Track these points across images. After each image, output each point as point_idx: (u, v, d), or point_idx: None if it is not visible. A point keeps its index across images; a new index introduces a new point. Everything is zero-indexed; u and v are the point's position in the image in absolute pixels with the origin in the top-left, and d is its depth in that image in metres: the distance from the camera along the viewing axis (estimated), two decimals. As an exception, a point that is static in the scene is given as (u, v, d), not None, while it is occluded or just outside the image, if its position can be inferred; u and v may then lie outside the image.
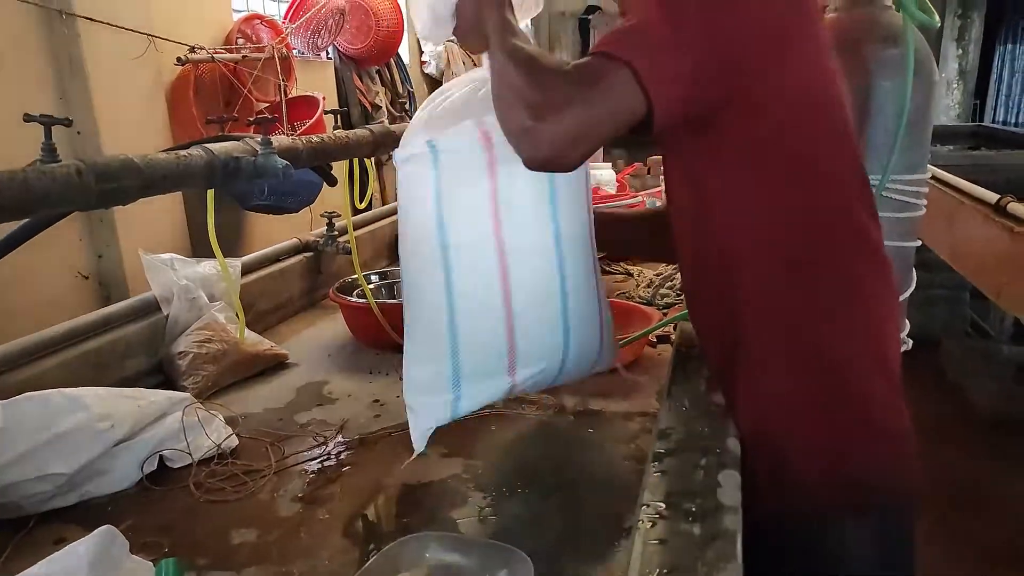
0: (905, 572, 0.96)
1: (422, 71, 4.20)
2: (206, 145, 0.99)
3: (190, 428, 1.08)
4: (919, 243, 1.41)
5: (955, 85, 6.11)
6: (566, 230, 0.95)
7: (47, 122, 0.82)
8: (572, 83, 0.78)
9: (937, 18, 1.23)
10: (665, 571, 0.63)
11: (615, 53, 0.78)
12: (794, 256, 0.87)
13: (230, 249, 1.71)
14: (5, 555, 0.87)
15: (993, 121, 6.15)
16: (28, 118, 0.82)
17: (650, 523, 0.70)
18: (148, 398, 1.09)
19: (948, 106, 6.06)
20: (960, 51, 6.03)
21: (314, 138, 1.21)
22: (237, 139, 1.06)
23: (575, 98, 0.77)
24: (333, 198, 2.14)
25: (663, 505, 0.73)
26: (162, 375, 1.37)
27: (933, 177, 1.92)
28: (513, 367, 0.93)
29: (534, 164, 0.81)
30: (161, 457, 1.05)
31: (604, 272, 2.02)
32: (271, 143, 1.05)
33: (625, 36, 0.81)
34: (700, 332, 1.03)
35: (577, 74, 0.79)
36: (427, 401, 0.94)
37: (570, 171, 0.84)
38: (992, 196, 2.27)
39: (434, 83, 4.22)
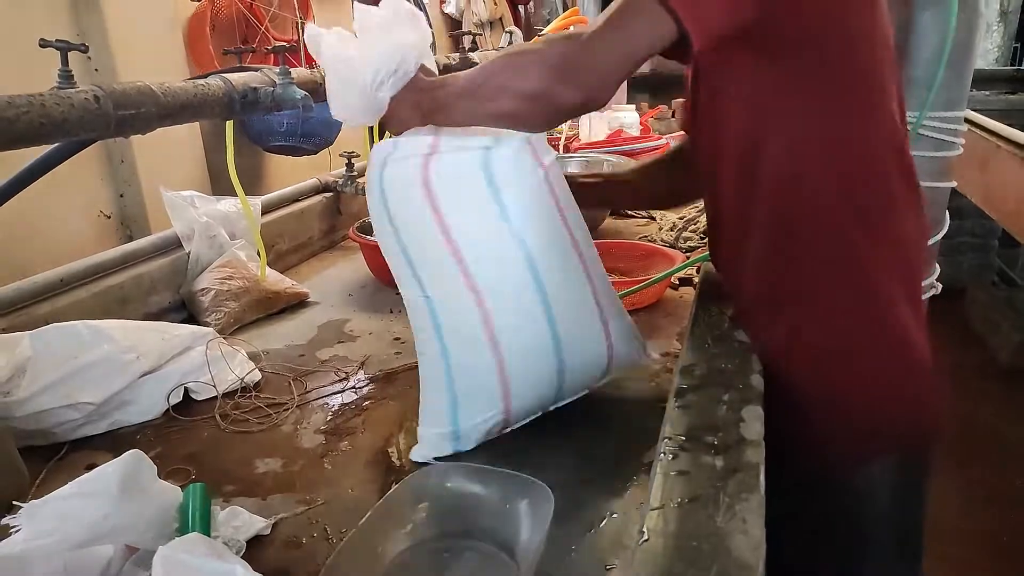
0: (916, 513, 0.96)
1: (441, 10, 4.10)
2: (224, 75, 0.98)
3: (214, 362, 1.09)
4: (954, 184, 1.37)
5: (995, 27, 5.84)
6: (536, 245, 0.87)
7: (64, 48, 0.81)
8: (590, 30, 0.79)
9: None
10: (686, 501, 0.63)
11: None
12: (851, 187, 0.84)
13: (249, 189, 1.70)
14: (40, 479, 0.89)
15: (1028, 64, 5.91)
16: (44, 43, 0.81)
17: (671, 455, 0.70)
18: (172, 332, 1.10)
19: (987, 49, 5.81)
20: (1002, -10, 5.76)
21: (333, 71, 1.18)
22: (256, 70, 1.04)
23: (597, 30, 0.77)
24: (352, 139, 2.12)
25: (684, 438, 0.72)
26: (185, 311, 1.38)
27: (968, 121, 1.85)
28: (508, 399, 0.89)
29: (575, 108, 0.81)
30: (186, 389, 1.07)
31: (626, 216, 1.99)
32: (290, 74, 1.02)
33: None
34: (732, 274, 1.00)
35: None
36: (430, 433, 0.91)
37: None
38: (1029, 139, 2.19)
39: (454, 23, 4.12)
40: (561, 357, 0.90)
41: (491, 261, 0.87)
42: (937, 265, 1.37)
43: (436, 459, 0.89)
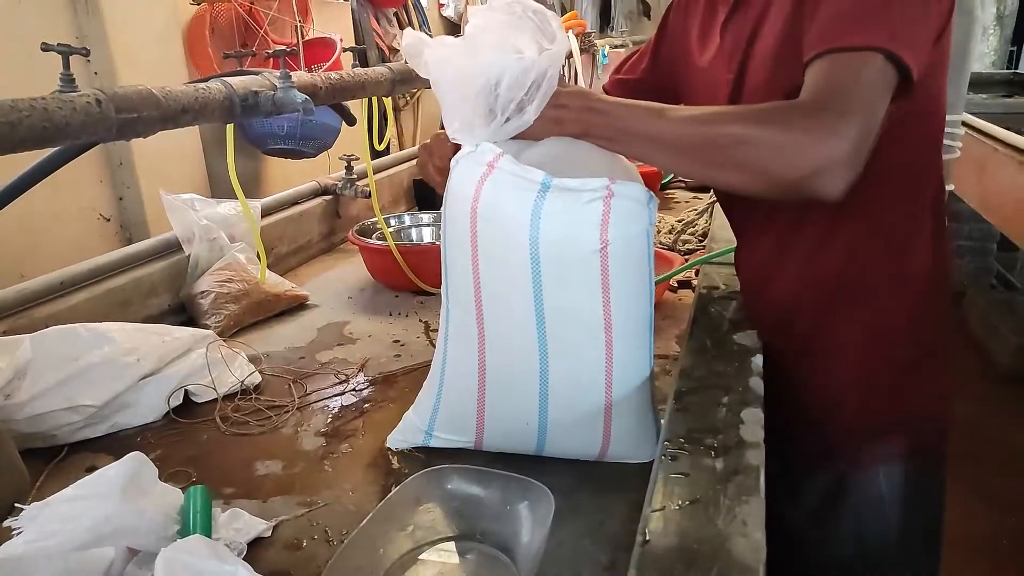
0: (935, 518, 0.97)
1: (440, 13, 4.11)
2: (225, 79, 0.98)
3: (214, 364, 1.09)
4: (952, 188, 1.38)
5: (991, 31, 5.86)
6: (552, 302, 0.79)
7: (65, 51, 0.81)
8: (830, 94, 0.69)
9: None
10: (686, 503, 0.63)
11: (859, 44, 0.70)
12: (918, 191, 0.85)
13: (249, 192, 1.71)
14: (41, 481, 0.89)
15: (1031, 69, 5.92)
16: (46, 47, 0.81)
17: (671, 457, 0.70)
18: (173, 334, 1.10)
19: (983, 53, 5.83)
20: (999, -6, 5.78)
21: (333, 75, 1.19)
22: (256, 74, 1.04)
23: (844, 103, 0.68)
24: (350, 142, 2.12)
25: (684, 440, 0.73)
26: (185, 314, 1.38)
27: (965, 124, 1.86)
28: (480, 433, 0.88)
29: (840, 191, 0.68)
30: (186, 392, 1.07)
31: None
32: (290, 77, 1.03)
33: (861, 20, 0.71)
34: (782, 289, 0.95)
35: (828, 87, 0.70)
36: (412, 419, 0.93)
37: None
38: (1027, 143, 2.20)
39: (452, 26, 4.13)
40: (544, 420, 0.84)
41: (503, 297, 0.82)
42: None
43: (438, 460, 0.89)
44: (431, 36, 0.83)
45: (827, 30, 0.72)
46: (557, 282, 0.79)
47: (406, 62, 0.85)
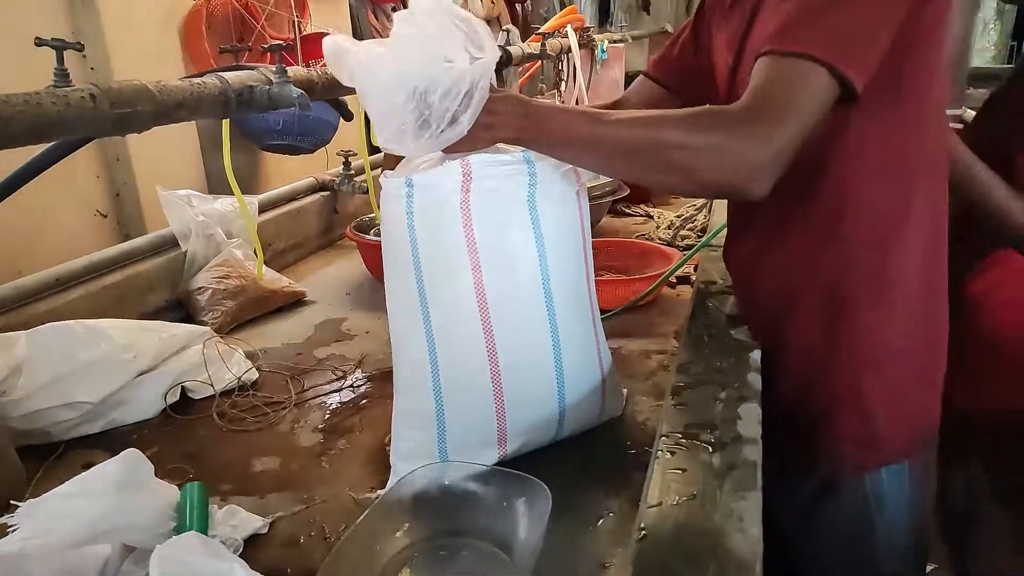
0: (926, 516, 0.97)
1: (438, 9, 4.09)
2: (220, 74, 0.97)
3: (211, 361, 1.09)
4: (949, 183, 1.37)
5: (992, 25, 5.85)
6: (557, 279, 0.84)
7: (59, 46, 0.80)
8: (766, 98, 0.70)
9: None
10: (683, 499, 0.63)
11: (802, 52, 0.70)
12: (909, 191, 0.83)
13: (246, 188, 1.70)
14: (37, 478, 0.89)
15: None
16: (40, 42, 0.80)
17: (669, 453, 0.70)
18: (169, 331, 1.10)
19: (983, 47, 5.82)
20: (999, -13, 5.76)
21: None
22: (252, 68, 1.04)
23: (778, 111, 0.69)
24: (348, 138, 2.11)
25: (682, 436, 0.73)
26: (182, 310, 1.38)
27: (962, 120, 1.85)
28: (503, 438, 0.85)
29: (764, 192, 0.71)
30: (183, 388, 1.07)
31: (623, 215, 2.00)
32: (286, 72, 1.02)
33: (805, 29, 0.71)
34: (768, 286, 0.94)
35: (763, 93, 0.71)
36: (414, 442, 0.85)
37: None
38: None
39: (450, 22, 4.10)
40: (563, 403, 0.87)
41: (512, 297, 0.82)
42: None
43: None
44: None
45: (777, 30, 0.73)
46: (558, 255, 0.84)
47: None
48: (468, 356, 0.82)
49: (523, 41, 2.19)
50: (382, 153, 2.29)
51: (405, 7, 0.79)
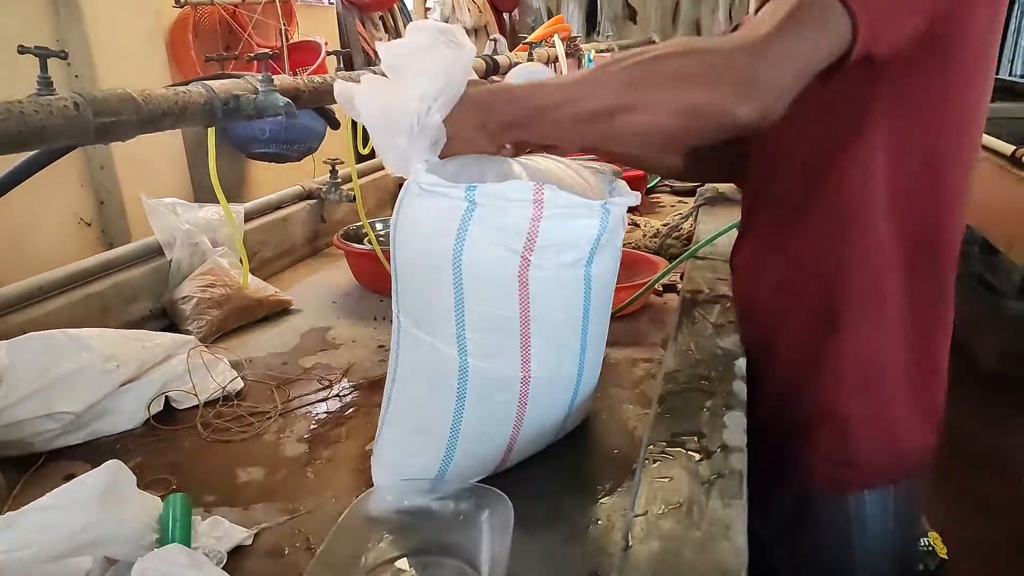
0: (911, 539, 0.97)
1: (426, 18, 4.11)
2: (206, 82, 0.97)
3: (195, 370, 1.08)
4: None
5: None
6: (594, 321, 0.84)
7: (42, 54, 0.80)
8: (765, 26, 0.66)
9: None
10: (670, 508, 0.63)
11: None
12: (920, 208, 0.81)
13: (232, 196, 1.69)
14: (17, 490, 0.88)
15: (1010, 74, 6.00)
16: (23, 49, 0.80)
17: (655, 461, 0.70)
18: (153, 340, 1.09)
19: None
20: (979, 1, 5.83)
21: (316, 78, 1.18)
22: (238, 77, 1.03)
23: (774, 38, 0.66)
24: (335, 146, 2.11)
25: (667, 444, 0.73)
26: (166, 319, 1.37)
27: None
28: (506, 459, 0.85)
29: (747, 127, 0.67)
30: (167, 398, 1.06)
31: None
32: (272, 81, 1.02)
33: None
34: (765, 293, 0.93)
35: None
36: (410, 468, 0.83)
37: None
38: (1008, 148, 2.23)
39: (438, 31, 4.12)
40: (571, 410, 0.89)
41: (554, 324, 0.80)
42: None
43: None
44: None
45: None
46: (601, 280, 0.83)
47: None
48: (501, 382, 0.80)
49: (510, 51, 2.20)
50: (369, 161, 2.29)
51: (393, 17, 0.79)
